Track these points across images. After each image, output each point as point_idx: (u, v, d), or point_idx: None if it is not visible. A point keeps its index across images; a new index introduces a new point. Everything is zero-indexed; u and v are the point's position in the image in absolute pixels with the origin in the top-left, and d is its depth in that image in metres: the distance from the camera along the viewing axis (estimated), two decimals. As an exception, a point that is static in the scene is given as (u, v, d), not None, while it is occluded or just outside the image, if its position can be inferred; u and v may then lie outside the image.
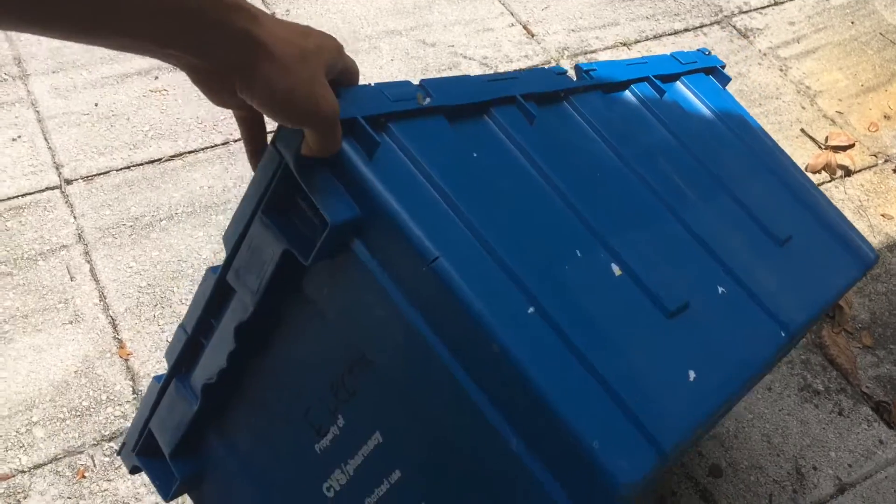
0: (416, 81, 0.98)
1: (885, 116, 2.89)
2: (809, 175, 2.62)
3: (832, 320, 2.25)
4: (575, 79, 1.25)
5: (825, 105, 2.88)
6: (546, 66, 2.73)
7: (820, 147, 2.72)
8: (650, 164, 1.19)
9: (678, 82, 1.43)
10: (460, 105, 0.97)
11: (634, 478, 0.79)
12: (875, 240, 2.49)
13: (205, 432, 1.21)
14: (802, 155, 2.68)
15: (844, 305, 2.27)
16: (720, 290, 1.08)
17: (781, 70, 2.97)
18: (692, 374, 0.94)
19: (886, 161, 2.74)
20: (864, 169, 2.70)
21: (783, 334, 1.10)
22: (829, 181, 2.63)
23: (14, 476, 1.62)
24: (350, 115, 0.81)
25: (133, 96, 2.34)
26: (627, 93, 1.32)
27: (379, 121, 0.86)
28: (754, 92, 2.85)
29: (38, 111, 2.24)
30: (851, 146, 2.74)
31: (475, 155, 0.96)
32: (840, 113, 2.86)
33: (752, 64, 2.96)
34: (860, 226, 2.51)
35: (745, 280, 1.12)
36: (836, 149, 2.71)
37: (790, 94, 2.89)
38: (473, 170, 0.94)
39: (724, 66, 1.54)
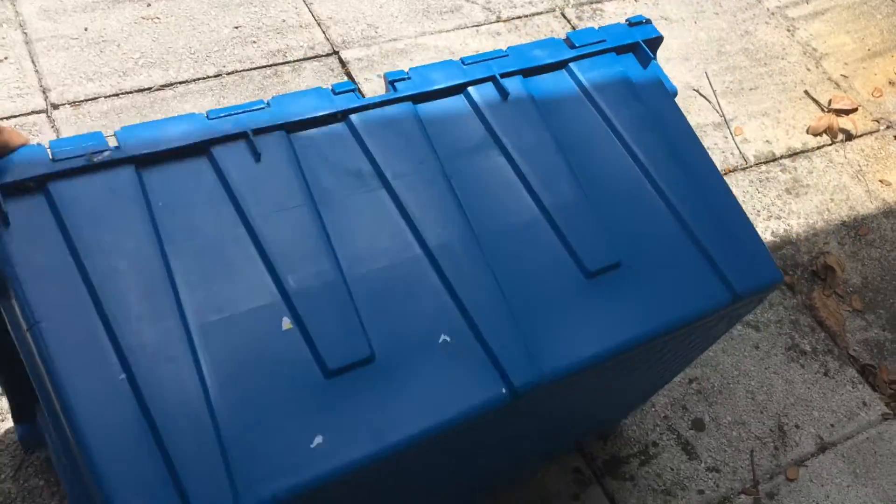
0: (400, 24, 0.96)
1: (889, 82, 2.85)
2: (810, 137, 2.59)
3: (824, 282, 2.24)
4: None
5: (830, 68, 2.83)
6: (552, 13, 2.67)
7: (823, 110, 2.68)
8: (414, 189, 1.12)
9: (563, 71, 1.30)
10: (164, 150, 1.01)
11: None
12: (872, 205, 2.47)
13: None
14: (804, 117, 2.64)
15: (837, 268, 2.25)
16: (442, 338, 1.03)
17: (789, 30, 2.92)
18: (319, 439, 0.92)
19: (888, 127, 2.71)
20: (866, 134, 2.67)
21: (503, 391, 1.02)
22: (830, 144, 2.60)
23: (-8, 397, 1.60)
24: None
25: (124, 22, 2.27)
26: (452, 100, 1.22)
27: (28, 184, 0.94)
28: (760, 51, 2.80)
29: (25, 33, 2.18)
30: (854, 110, 2.70)
31: (160, 204, 0.99)
32: (845, 77, 2.82)
33: (760, 23, 2.91)
34: (857, 190, 2.49)
35: (480, 323, 1.05)
36: (839, 112, 2.68)
37: (796, 56, 2.84)
38: (136, 223, 0.97)
39: (659, 39, 1.38)
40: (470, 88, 1.22)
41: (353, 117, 1.14)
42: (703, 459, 1.83)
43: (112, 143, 1.01)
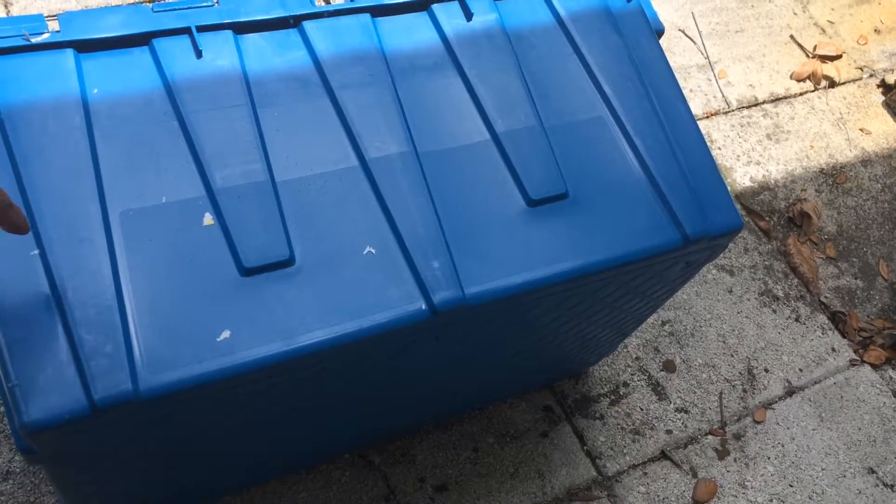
0: None
1: (875, 30, 2.82)
2: (793, 82, 2.56)
3: (799, 229, 2.24)
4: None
5: (817, 13, 2.79)
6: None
7: (807, 55, 2.65)
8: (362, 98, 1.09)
9: None
10: (105, 38, 1.01)
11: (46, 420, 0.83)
12: (851, 154, 2.46)
13: None
14: (789, 62, 2.61)
15: (813, 215, 2.25)
16: (367, 250, 1.02)
17: (777, -27, 2.86)
18: (226, 334, 0.92)
19: (871, 76, 2.69)
20: (849, 81, 2.65)
21: (423, 307, 1.00)
22: (813, 91, 2.57)
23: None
24: None
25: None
26: (413, 16, 1.17)
27: None
28: (747, -7, 2.75)
29: (-15, -59, 2.06)
30: (839, 57, 2.67)
31: (95, 91, 0.99)
32: (831, 22, 2.78)
33: (748, -37, 2.84)
34: (837, 138, 2.48)
35: (408, 239, 1.03)
36: (824, 59, 2.64)
37: (783, -1, 2.79)
38: (67, 106, 0.96)
39: None
40: (434, 6, 1.18)
41: (306, 24, 1.11)
42: (672, 400, 1.84)
43: (54, 27, 1.00)
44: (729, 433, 1.83)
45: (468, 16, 1.19)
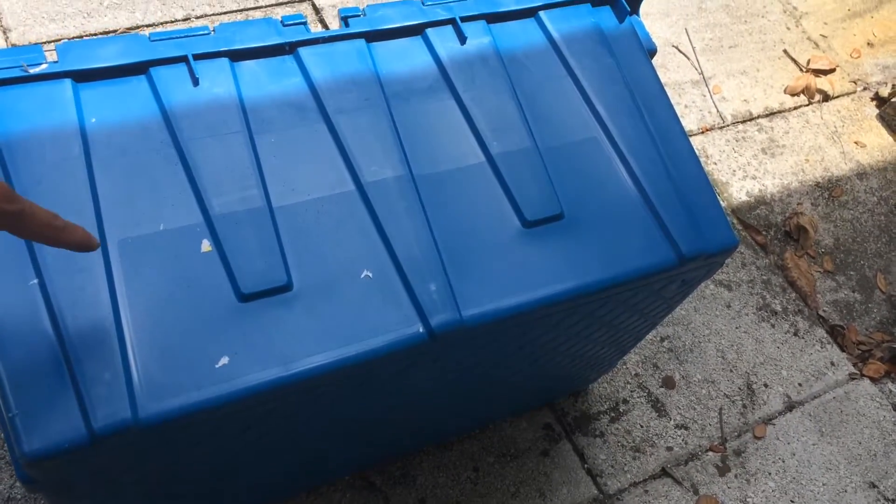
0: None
1: (868, 43, 2.84)
2: (787, 97, 2.58)
3: (796, 243, 2.25)
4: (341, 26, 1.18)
5: (810, 27, 2.81)
6: None
7: (801, 70, 2.67)
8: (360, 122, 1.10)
9: (531, 19, 1.25)
10: (103, 67, 1.02)
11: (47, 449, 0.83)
12: (846, 167, 2.47)
13: None
14: (783, 76, 2.63)
15: (809, 229, 2.26)
16: (364, 274, 1.02)
17: (769, -12, 2.89)
18: (224, 360, 0.93)
19: (865, 89, 2.71)
20: (843, 95, 2.66)
21: (420, 330, 1.00)
22: (807, 105, 2.59)
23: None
24: None
25: (88, -39, 2.18)
26: (407, 41, 1.18)
27: None
28: (741, 8, 2.77)
29: (-17, -32, 2.08)
30: (832, 71, 2.69)
31: (94, 119, 1.00)
32: (824, 37, 2.80)
33: (741, -21, 2.87)
34: (832, 152, 2.49)
35: (405, 262, 1.03)
36: (817, 72, 2.66)
37: (776, 14, 2.81)
38: (66, 136, 0.97)
39: None
40: (428, 30, 1.19)
41: (302, 50, 1.11)
42: (672, 417, 1.84)
43: (52, 57, 1.01)
44: (729, 449, 1.83)
45: (462, 39, 1.20)
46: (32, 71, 0.99)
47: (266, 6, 2.24)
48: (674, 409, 1.85)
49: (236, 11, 2.20)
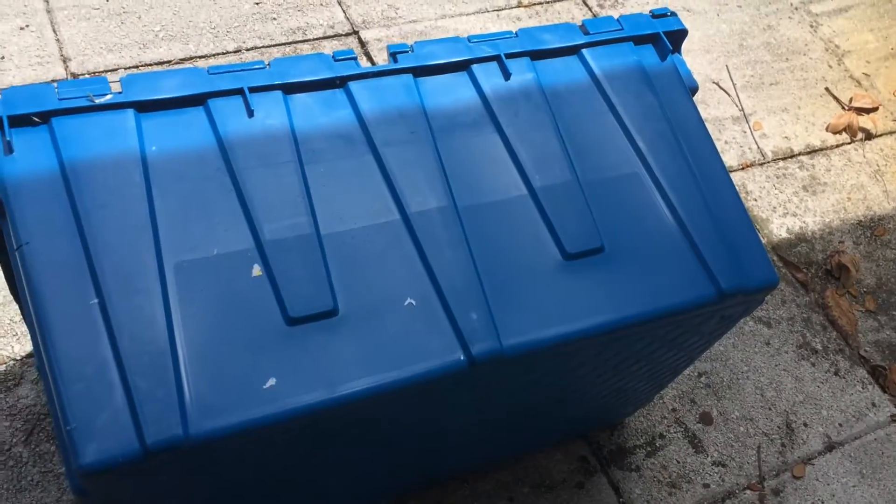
0: (421, 6, 0.99)
1: (912, 83, 2.82)
2: (829, 134, 2.57)
3: (837, 281, 2.23)
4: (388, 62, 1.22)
5: (852, 66, 2.81)
6: (573, 0, 2.65)
7: (843, 108, 2.66)
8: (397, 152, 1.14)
9: (574, 56, 1.28)
10: (164, 99, 1.07)
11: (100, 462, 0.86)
12: (889, 206, 2.45)
13: None
14: (825, 114, 2.62)
15: (851, 268, 2.24)
16: (408, 301, 1.05)
17: (812, 26, 2.89)
18: (272, 382, 0.96)
19: (909, 128, 2.69)
20: (886, 134, 2.65)
21: (461, 357, 1.03)
22: (849, 143, 2.58)
23: (6, 363, 1.61)
24: None
25: (146, -5, 2.27)
26: (453, 76, 1.22)
27: (34, 118, 1.01)
28: (782, 46, 2.78)
29: (47, 1, 2.18)
30: (875, 109, 2.68)
31: (154, 148, 1.04)
32: (867, 75, 2.79)
33: (783, 17, 2.88)
34: (875, 190, 2.47)
35: (447, 291, 1.05)
36: (860, 111, 2.65)
37: (818, 52, 2.81)
38: (128, 162, 1.02)
39: (683, 32, 1.34)
40: (474, 66, 1.22)
41: (352, 84, 1.16)
42: (709, 453, 1.83)
43: (117, 88, 1.06)
44: (767, 488, 1.81)
45: (506, 75, 1.23)
46: (98, 101, 1.05)
47: (314, 39, 2.31)
48: (711, 445, 1.84)
49: (285, 44, 2.27)
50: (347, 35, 2.35)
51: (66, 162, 1.00)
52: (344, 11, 2.41)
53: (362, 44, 2.34)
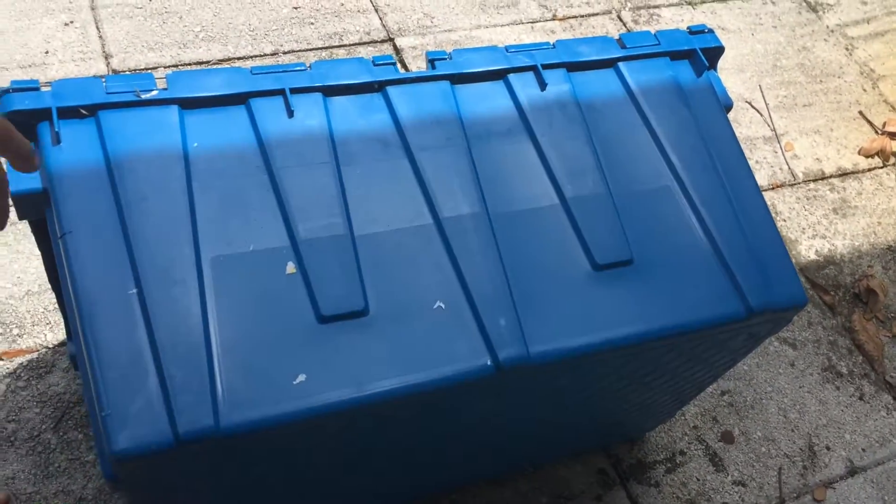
0: (456, 15, 1.00)
1: (947, 109, 2.80)
2: (861, 158, 2.56)
3: (865, 306, 2.21)
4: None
5: (887, 90, 2.79)
6: (608, 15, 2.66)
7: (876, 132, 2.64)
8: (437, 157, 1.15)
9: (610, 69, 1.29)
10: (207, 97, 1.10)
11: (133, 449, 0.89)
12: (920, 231, 2.43)
13: None
14: (857, 137, 2.61)
15: (879, 293, 2.22)
16: (437, 304, 1.06)
17: (847, 49, 2.88)
18: (301, 378, 0.97)
19: (943, 154, 2.66)
20: (919, 159, 2.63)
21: (488, 362, 1.04)
22: (881, 167, 2.56)
23: (38, 351, 1.64)
24: (46, 106, 1.01)
25: (188, -4, 2.31)
26: (489, 85, 1.23)
27: (81, 110, 1.03)
28: (816, 68, 2.77)
29: (92, -1, 2.23)
30: (909, 134, 2.66)
31: (196, 144, 1.07)
32: (902, 100, 2.77)
33: (818, 39, 2.87)
34: (907, 216, 2.45)
35: (477, 296, 1.07)
36: (893, 135, 2.63)
37: (853, 75, 2.80)
38: (170, 157, 1.04)
39: (719, 49, 1.35)
40: (510, 76, 1.24)
41: (390, 89, 1.18)
42: (730, 472, 1.82)
43: (162, 85, 1.09)
44: (787, 510, 1.80)
45: (542, 86, 1.24)
46: (144, 96, 1.07)
47: (350, 45, 2.34)
48: (732, 464, 1.83)
49: (321, 49, 2.30)
50: (383, 42, 2.38)
51: (111, 154, 1.02)
52: (380, 18, 2.43)
53: (397, 51, 2.37)
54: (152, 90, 1.08)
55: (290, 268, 1.04)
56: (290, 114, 1.12)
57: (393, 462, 1.31)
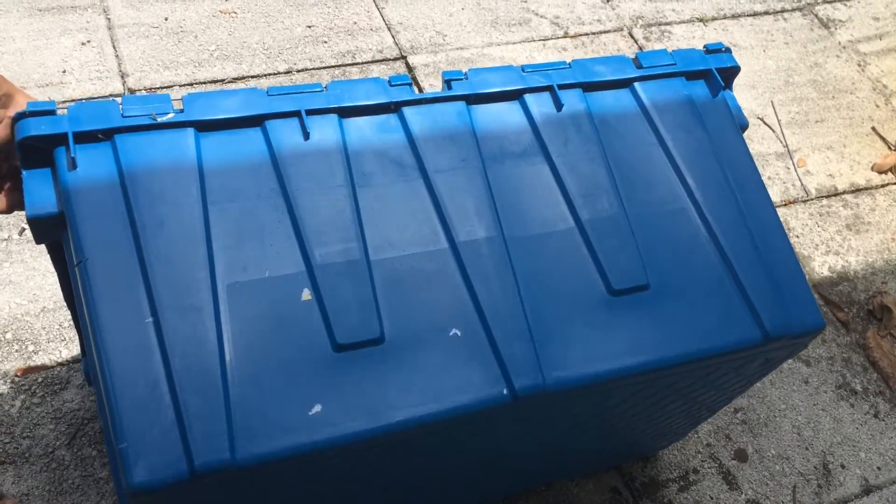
0: (468, 33, 1.00)
1: (961, 124, 2.79)
2: (874, 174, 2.55)
3: (879, 322, 2.20)
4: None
5: (900, 105, 2.78)
6: (619, 32, 2.67)
7: (889, 148, 2.64)
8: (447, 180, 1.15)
9: (626, 89, 1.29)
10: (223, 119, 1.09)
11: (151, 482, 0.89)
12: (934, 248, 2.42)
13: None
14: (870, 153, 2.60)
15: (894, 309, 2.21)
16: (453, 332, 1.05)
17: (859, 65, 2.88)
18: (317, 408, 0.97)
19: (957, 170, 2.65)
20: (933, 175, 2.62)
21: (504, 391, 1.03)
22: (895, 183, 2.55)
23: (54, 367, 1.66)
24: (62, 131, 1.01)
25: (203, 14, 2.33)
26: (505, 105, 1.23)
27: (98, 134, 1.04)
28: (828, 84, 2.77)
29: (109, 18, 2.25)
30: (922, 150, 2.65)
31: (211, 167, 1.08)
32: (915, 115, 2.77)
33: (830, 55, 2.87)
34: (921, 232, 2.45)
35: (493, 323, 1.06)
36: (906, 151, 2.63)
37: (865, 91, 2.80)
38: (186, 181, 1.04)
39: (735, 69, 1.36)
40: (526, 96, 1.24)
41: (406, 109, 1.17)
42: (743, 491, 1.81)
43: (178, 106, 1.09)
44: (802, 529, 1.79)
45: (558, 106, 1.25)
46: (160, 119, 1.08)
47: (363, 63, 2.35)
48: (745, 482, 1.82)
49: (335, 67, 2.32)
50: (395, 60, 2.39)
51: (127, 179, 1.03)
52: (393, 37, 2.45)
53: (409, 69, 2.38)
54: (168, 112, 1.09)
55: (306, 294, 1.04)
56: (306, 136, 1.13)
57: (406, 486, 1.31)
